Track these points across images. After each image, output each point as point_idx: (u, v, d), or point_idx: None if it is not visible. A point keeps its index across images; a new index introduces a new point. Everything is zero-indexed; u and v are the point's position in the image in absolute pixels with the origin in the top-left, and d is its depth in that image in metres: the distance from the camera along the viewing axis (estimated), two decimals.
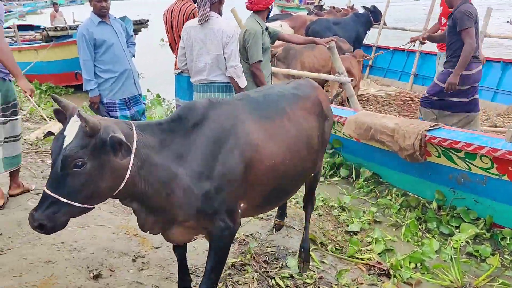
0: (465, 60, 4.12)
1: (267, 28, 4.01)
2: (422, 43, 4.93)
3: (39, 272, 2.65)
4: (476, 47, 4.18)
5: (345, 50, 7.20)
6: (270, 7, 4.02)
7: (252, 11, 3.99)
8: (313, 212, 3.83)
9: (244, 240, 3.28)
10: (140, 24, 10.39)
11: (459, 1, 4.21)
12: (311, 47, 6.61)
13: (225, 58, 3.51)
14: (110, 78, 4.16)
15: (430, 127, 3.68)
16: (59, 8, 13.88)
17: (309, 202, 3.06)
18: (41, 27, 12.75)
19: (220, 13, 3.60)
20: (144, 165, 1.89)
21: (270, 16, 11.41)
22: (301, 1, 28.63)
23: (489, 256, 3.24)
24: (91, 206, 1.85)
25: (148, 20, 9.97)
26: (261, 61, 3.86)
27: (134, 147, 1.84)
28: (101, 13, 4.06)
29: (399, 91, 7.78)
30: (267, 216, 3.62)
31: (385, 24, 9.60)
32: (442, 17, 5.55)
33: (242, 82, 3.55)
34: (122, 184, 1.83)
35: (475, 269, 3.18)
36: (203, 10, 3.43)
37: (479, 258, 3.27)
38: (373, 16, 9.26)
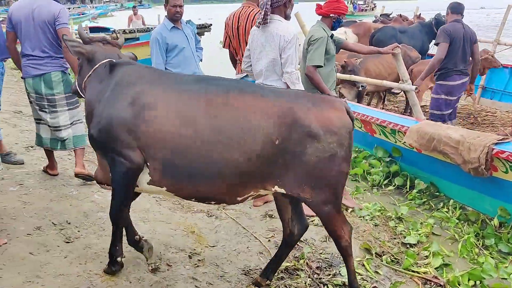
0: (429, 70, 5.04)
1: (332, 36, 4.00)
2: None
3: (103, 261, 2.80)
4: (458, 62, 4.95)
5: (413, 59, 7.05)
6: (338, 17, 3.96)
7: (320, 17, 4.02)
8: (369, 222, 3.82)
9: (298, 245, 3.30)
10: (203, 28, 10.73)
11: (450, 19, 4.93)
12: (376, 55, 6.52)
13: (282, 63, 3.45)
14: None
15: (498, 140, 3.53)
16: (137, 11, 14.39)
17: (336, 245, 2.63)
18: (111, 29, 13.43)
19: (286, 17, 3.53)
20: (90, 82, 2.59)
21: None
22: (355, 7, 28.10)
23: None
24: None
25: (211, 24, 10.26)
26: (319, 66, 3.82)
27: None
28: (175, 17, 4.33)
29: (465, 104, 7.51)
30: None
31: None
32: None
33: (298, 87, 3.43)
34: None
35: None
36: (262, 13, 3.39)
37: None
38: (436, 26, 8.99)
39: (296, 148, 2.30)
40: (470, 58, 5.09)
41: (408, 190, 4.58)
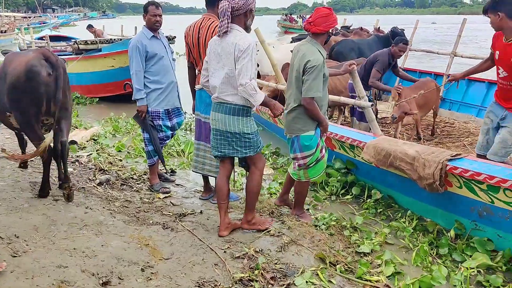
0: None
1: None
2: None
3: (51, 275, 2.72)
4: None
5: None
6: (330, 32, 3.77)
7: (310, 34, 3.70)
8: (324, 231, 3.86)
9: (254, 255, 3.30)
10: (168, 40, 10.69)
11: None
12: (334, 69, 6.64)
13: (236, 74, 3.25)
14: (157, 88, 4.51)
15: (451, 156, 3.60)
16: (95, 30, 13.90)
17: None
18: (72, 39, 13.19)
19: (246, 28, 3.37)
20: None
21: (295, 36, 11.54)
22: (304, 21, 28.60)
23: (499, 287, 3.15)
24: None
25: (175, 37, 10.23)
26: (318, 96, 3.62)
27: None
28: (155, 27, 4.45)
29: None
30: (278, 233, 3.63)
31: (411, 45, 9.59)
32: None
33: (257, 98, 3.26)
34: None
35: None
36: (222, 21, 3.26)
37: None
38: (392, 38, 9.24)
39: None
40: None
41: (365, 199, 4.66)
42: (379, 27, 11.97)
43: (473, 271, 3.33)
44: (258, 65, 8.43)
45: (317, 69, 3.52)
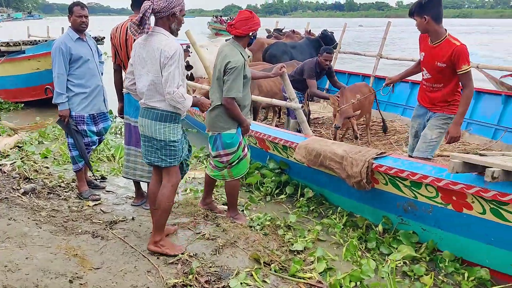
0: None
1: (248, 56, 3.94)
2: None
3: None
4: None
5: None
6: (252, 34, 3.76)
7: (232, 36, 3.76)
8: (259, 232, 3.89)
9: (188, 260, 3.26)
10: (96, 41, 10.33)
11: None
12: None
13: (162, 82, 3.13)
14: (82, 93, 4.32)
15: (377, 155, 3.74)
16: None
17: None
18: None
19: (172, 32, 3.23)
20: None
21: (229, 38, 11.51)
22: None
23: (422, 275, 3.33)
24: None
25: (104, 38, 9.92)
26: (238, 97, 3.66)
27: None
28: (81, 28, 4.27)
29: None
30: (212, 236, 3.62)
31: (340, 48, 9.92)
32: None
33: (185, 105, 3.16)
34: None
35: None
36: (143, 22, 3.07)
37: (412, 278, 3.36)
38: (323, 40, 9.53)
39: None
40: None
41: (298, 198, 4.76)
42: (310, 30, 12.27)
43: (399, 263, 3.49)
44: (192, 67, 8.39)
45: (237, 70, 3.57)
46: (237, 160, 3.88)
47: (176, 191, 3.45)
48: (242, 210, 4.39)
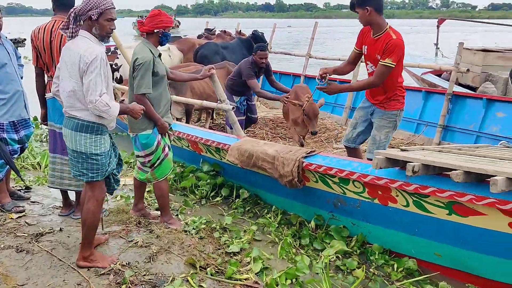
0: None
1: (160, 55, 3.82)
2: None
3: None
4: None
5: None
6: (164, 31, 3.72)
7: (145, 35, 3.76)
8: (195, 236, 3.86)
9: (120, 270, 3.17)
10: (16, 43, 9.78)
11: None
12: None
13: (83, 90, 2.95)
14: (0, 99, 4.00)
15: (306, 153, 3.82)
16: None
17: None
18: None
19: (101, 36, 3.06)
20: None
21: None
22: None
23: (355, 269, 3.46)
24: None
25: (25, 39, 9.42)
26: (147, 93, 3.61)
27: None
28: None
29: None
30: (146, 243, 3.54)
31: (270, 48, 10.05)
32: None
33: (111, 113, 2.98)
34: None
35: (343, 282, 3.38)
36: (68, 25, 2.93)
37: (345, 272, 3.48)
38: (254, 41, 9.61)
39: None
40: None
41: (234, 199, 4.77)
42: (240, 30, 12.34)
43: (332, 258, 3.61)
44: (117, 70, 8.16)
45: (144, 66, 3.55)
46: (158, 161, 3.82)
47: (101, 206, 3.28)
48: (177, 215, 4.32)
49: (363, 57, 4.12)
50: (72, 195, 4.14)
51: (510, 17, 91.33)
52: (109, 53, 8.75)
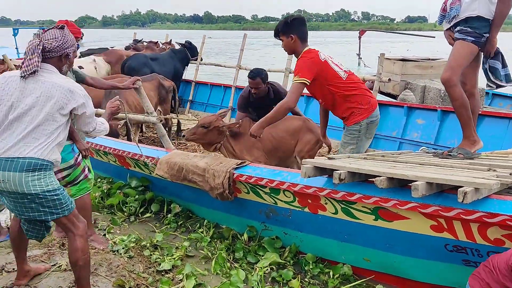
0: None
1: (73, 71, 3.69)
2: None
3: None
4: None
5: (167, 88, 7.20)
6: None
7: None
8: (123, 255, 3.69)
9: None
10: None
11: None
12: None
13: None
14: None
15: (237, 164, 3.79)
16: None
17: None
18: None
19: (65, 72, 2.86)
20: None
21: (83, 50, 10.77)
22: None
23: (290, 279, 3.45)
24: None
25: None
26: None
27: None
28: None
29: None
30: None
31: (201, 59, 10.02)
32: None
33: (106, 127, 3.12)
34: None
35: None
36: (30, 59, 2.62)
37: (281, 283, 3.46)
38: (189, 52, 9.56)
39: None
40: None
41: (165, 215, 4.63)
42: (170, 41, 12.19)
43: (267, 270, 3.59)
44: None
45: None
46: (76, 181, 3.63)
47: (87, 240, 2.94)
48: (104, 234, 4.12)
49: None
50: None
51: (425, 28, 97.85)
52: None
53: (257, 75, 4.88)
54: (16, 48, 19.62)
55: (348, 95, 3.71)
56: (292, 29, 3.70)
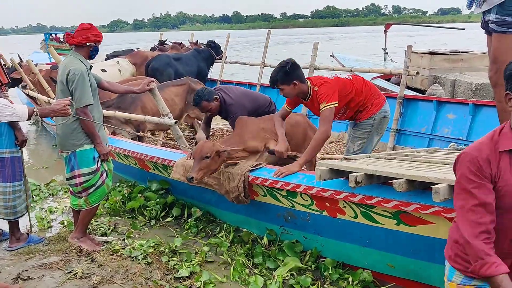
0: None
1: (91, 67, 3.71)
2: None
3: None
4: None
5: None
6: (95, 44, 3.65)
7: (73, 47, 3.66)
8: (141, 261, 3.64)
9: None
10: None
11: None
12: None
13: None
14: None
15: (252, 167, 3.67)
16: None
17: None
18: None
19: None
20: None
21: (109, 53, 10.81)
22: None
23: (309, 286, 3.31)
24: None
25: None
26: (91, 104, 3.54)
27: None
28: None
29: None
30: (86, 273, 3.29)
31: (226, 58, 9.94)
32: None
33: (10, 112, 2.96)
34: None
35: None
36: None
37: None
38: (214, 51, 9.48)
39: None
40: None
41: (186, 219, 4.56)
42: (197, 41, 12.16)
43: (287, 275, 3.45)
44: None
45: (81, 76, 3.47)
46: (94, 188, 3.68)
47: None
48: (124, 239, 4.09)
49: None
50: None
51: (459, 20, 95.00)
52: None
53: (198, 101, 4.50)
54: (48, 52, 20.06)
55: (359, 99, 3.78)
56: (292, 76, 3.63)
